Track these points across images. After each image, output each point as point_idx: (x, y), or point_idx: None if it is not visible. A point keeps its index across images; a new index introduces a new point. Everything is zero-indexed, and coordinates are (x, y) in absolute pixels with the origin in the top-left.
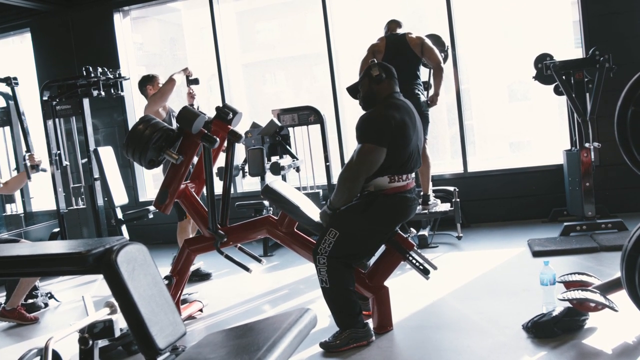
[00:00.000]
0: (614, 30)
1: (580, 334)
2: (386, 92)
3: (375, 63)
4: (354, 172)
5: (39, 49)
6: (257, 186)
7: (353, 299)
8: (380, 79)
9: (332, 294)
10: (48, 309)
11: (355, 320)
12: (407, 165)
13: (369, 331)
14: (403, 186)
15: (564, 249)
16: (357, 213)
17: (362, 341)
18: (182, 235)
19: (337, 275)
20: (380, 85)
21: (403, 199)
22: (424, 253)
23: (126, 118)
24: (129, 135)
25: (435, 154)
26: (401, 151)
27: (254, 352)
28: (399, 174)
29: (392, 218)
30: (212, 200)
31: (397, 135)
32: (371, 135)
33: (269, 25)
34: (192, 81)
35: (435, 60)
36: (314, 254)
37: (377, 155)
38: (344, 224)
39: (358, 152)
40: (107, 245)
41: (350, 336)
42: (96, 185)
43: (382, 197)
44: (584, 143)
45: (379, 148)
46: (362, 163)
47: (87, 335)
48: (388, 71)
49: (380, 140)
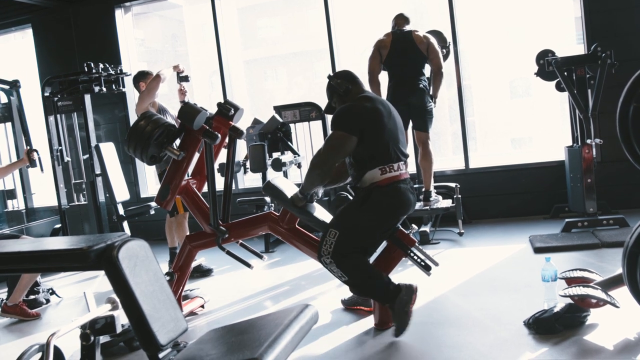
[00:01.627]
0: (615, 27)
1: (581, 330)
2: (357, 93)
3: (333, 77)
4: (323, 157)
5: (41, 44)
6: (259, 182)
7: (377, 275)
8: (348, 90)
9: (356, 282)
10: (50, 304)
11: (392, 290)
12: (391, 154)
13: (405, 286)
14: (396, 176)
15: (566, 245)
16: (355, 208)
17: (412, 297)
18: (179, 230)
19: (350, 265)
20: (350, 94)
21: (397, 188)
22: (426, 249)
23: (127, 114)
24: (131, 131)
25: (437, 150)
26: (378, 138)
27: (255, 349)
28: (389, 164)
29: (390, 207)
30: (213, 196)
31: (370, 123)
32: (342, 124)
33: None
34: (182, 78)
35: (437, 64)
36: (318, 257)
37: (346, 141)
38: (343, 222)
39: (328, 138)
40: (109, 241)
41: (401, 305)
42: (98, 181)
43: (377, 189)
44: (586, 139)
45: (348, 136)
46: (331, 148)
47: (88, 331)
48: (350, 79)
49: (350, 128)
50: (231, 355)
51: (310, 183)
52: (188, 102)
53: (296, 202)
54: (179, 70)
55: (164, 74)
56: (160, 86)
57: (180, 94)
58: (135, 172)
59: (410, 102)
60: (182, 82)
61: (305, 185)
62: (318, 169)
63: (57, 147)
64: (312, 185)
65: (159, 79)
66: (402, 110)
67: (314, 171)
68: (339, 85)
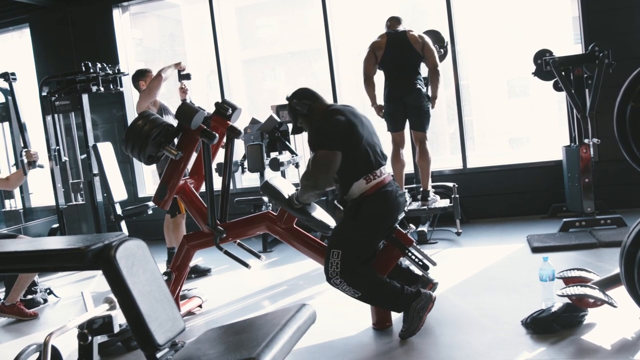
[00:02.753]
0: (613, 26)
1: (579, 330)
2: (323, 109)
3: (292, 98)
4: (313, 179)
5: (38, 44)
6: (257, 182)
7: (389, 285)
8: (311, 108)
9: (370, 297)
10: (47, 304)
11: (407, 297)
12: (372, 161)
13: (425, 293)
14: (381, 182)
15: (563, 245)
16: (350, 224)
17: (428, 305)
18: (176, 231)
19: (360, 281)
20: (315, 111)
21: (385, 193)
22: (423, 249)
23: (125, 114)
24: (128, 130)
25: (434, 150)
26: (358, 149)
27: (253, 348)
28: (372, 172)
29: (383, 214)
30: (211, 196)
31: (348, 136)
32: (323, 142)
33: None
34: (183, 76)
35: (433, 62)
36: (327, 279)
37: (332, 158)
38: (342, 240)
39: (312, 160)
40: (106, 240)
41: (416, 311)
42: (95, 181)
43: (366, 199)
44: (583, 139)
45: (332, 152)
46: (320, 168)
47: (86, 331)
48: (310, 96)
49: (331, 144)
50: (229, 355)
51: (305, 198)
52: (186, 102)
53: (292, 205)
54: (181, 68)
55: (165, 73)
56: (162, 85)
57: (182, 92)
58: (133, 171)
59: (407, 102)
60: (183, 80)
61: (301, 197)
62: (311, 190)
63: (54, 146)
64: (307, 199)
65: (161, 78)
66: (398, 110)
67: (309, 192)
68: (301, 106)
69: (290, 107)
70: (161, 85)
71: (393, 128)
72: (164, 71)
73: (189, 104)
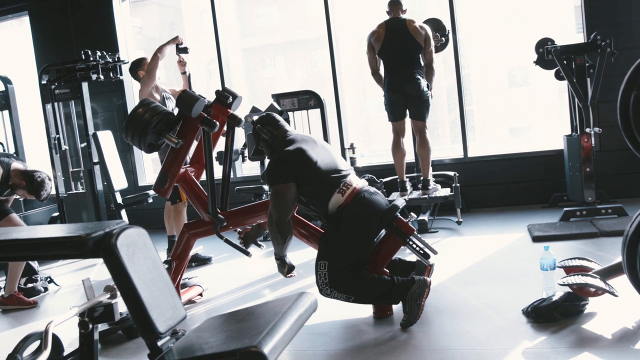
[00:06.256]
0: (615, 15)
1: (580, 319)
2: (281, 137)
3: (257, 124)
4: (276, 216)
5: (38, 32)
6: (257, 170)
7: (378, 281)
8: (273, 135)
9: (363, 298)
10: (48, 293)
11: (400, 287)
12: (336, 178)
13: (419, 280)
14: (355, 189)
15: (564, 234)
16: (334, 236)
17: (425, 291)
18: (177, 218)
19: (349, 286)
20: (276, 138)
21: (362, 198)
22: (424, 238)
23: (125, 102)
24: (129, 119)
25: (435, 139)
26: (316, 173)
27: (254, 336)
28: (342, 184)
29: (365, 218)
30: (212, 184)
31: (300, 165)
32: (275, 178)
33: (269, 9)
34: (181, 50)
35: (430, 59)
36: (319, 291)
37: (286, 191)
38: (328, 252)
39: (271, 197)
40: (107, 228)
41: (413, 299)
42: (95, 169)
43: (345, 209)
44: (585, 128)
45: (285, 185)
46: (278, 205)
47: (87, 319)
48: (273, 124)
49: (284, 178)
50: (230, 343)
51: (277, 245)
52: (186, 90)
53: (279, 269)
54: (179, 41)
55: (162, 52)
56: (159, 64)
57: (180, 65)
58: (133, 160)
59: (407, 92)
60: (181, 53)
61: (275, 250)
62: (276, 227)
63: (54, 135)
64: (280, 246)
65: (157, 58)
66: (398, 99)
67: (275, 234)
68: (264, 132)
69: (255, 131)
70: (158, 64)
71: (393, 117)
72: (160, 50)
73: (190, 92)
